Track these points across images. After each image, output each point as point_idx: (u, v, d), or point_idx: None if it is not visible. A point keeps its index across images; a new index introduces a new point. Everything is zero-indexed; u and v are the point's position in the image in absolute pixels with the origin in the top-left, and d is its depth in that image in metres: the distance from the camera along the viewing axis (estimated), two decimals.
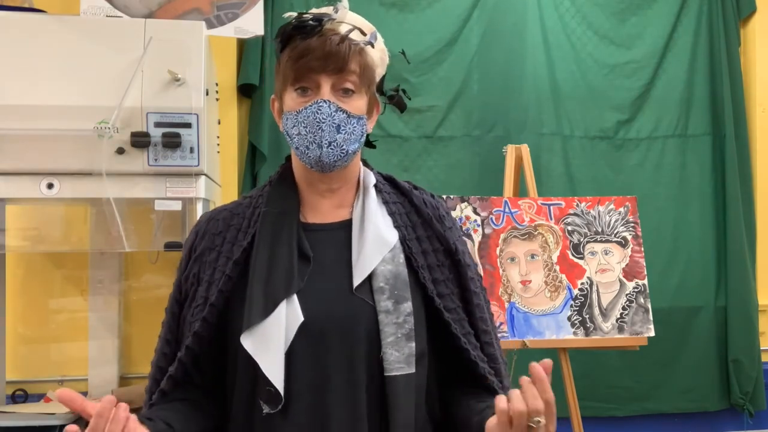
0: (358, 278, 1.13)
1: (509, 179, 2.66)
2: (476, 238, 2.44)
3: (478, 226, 2.46)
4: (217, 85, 2.54)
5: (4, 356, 2.43)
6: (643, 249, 2.53)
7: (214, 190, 2.39)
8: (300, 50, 1.12)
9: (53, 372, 2.62)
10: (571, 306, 2.44)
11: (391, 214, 1.20)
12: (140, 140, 1.97)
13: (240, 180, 2.90)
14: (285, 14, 1.18)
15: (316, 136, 1.11)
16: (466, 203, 2.47)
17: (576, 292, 2.45)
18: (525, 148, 2.68)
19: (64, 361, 2.63)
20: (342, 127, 1.12)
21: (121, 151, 1.97)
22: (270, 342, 1.07)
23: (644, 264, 2.51)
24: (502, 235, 2.47)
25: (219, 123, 2.58)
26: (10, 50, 1.99)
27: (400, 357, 1.11)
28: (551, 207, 2.53)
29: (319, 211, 1.20)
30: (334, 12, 1.16)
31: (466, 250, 1.25)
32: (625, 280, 2.49)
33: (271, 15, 2.87)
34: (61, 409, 2.21)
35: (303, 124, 1.12)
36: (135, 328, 2.67)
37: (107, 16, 2.31)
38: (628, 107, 3.24)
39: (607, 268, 2.50)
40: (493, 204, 2.50)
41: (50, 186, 2.00)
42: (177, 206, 2.04)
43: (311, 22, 1.14)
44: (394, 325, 1.11)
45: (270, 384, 1.07)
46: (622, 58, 3.23)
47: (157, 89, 2.00)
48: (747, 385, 3.14)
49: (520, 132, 3.07)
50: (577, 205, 2.54)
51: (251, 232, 1.16)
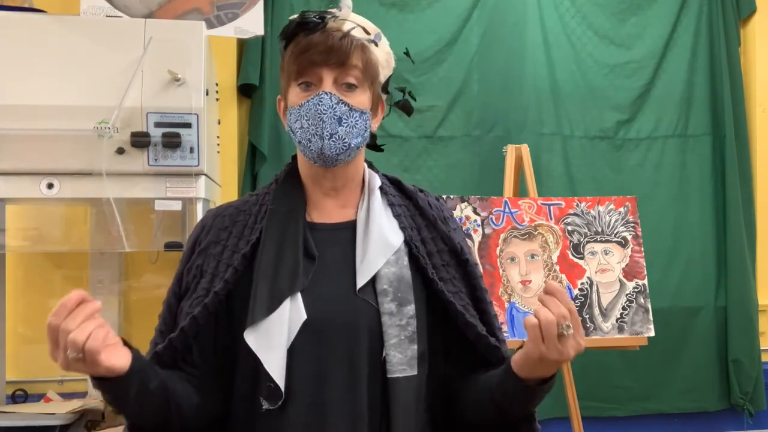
0: (361, 280, 1.13)
1: (509, 179, 2.66)
2: (476, 238, 2.44)
3: (478, 226, 2.46)
4: (217, 85, 2.54)
5: (4, 356, 2.43)
6: (643, 249, 2.53)
7: (214, 190, 2.39)
8: (302, 45, 1.13)
9: (53, 372, 2.61)
10: None
11: (396, 216, 1.20)
12: (140, 140, 1.97)
13: (240, 180, 2.90)
14: (290, 17, 1.19)
15: (317, 128, 1.11)
16: (466, 203, 2.47)
17: (576, 292, 2.45)
18: (525, 148, 2.68)
19: None
20: (344, 120, 1.12)
21: (121, 151, 1.97)
22: (273, 339, 1.08)
23: (644, 264, 2.51)
24: (502, 235, 2.47)
25: (219, 123, 2.58)
26: (10, 50, 1.99)
27: (403, 359, 1.11)
28: (551, 207, 2.52)
29: (324, 211, 1.20)
30: (338, 11, 1.17)
31: (470, 250, 1.26)
32: (625, 280, 2.49)
33: (271, 15, 2.87)
34: (61, 409, 2.21)
35: (305, 117, 1.12)
36: (135, 328, 2.66)
37: (107, 16, 2.31)
38: (628, 107, 3.24)
39: (607, 268, 2.49)
40: (493, 204, 2.50)
41: (50, 186, 2.00)
42: (177, 206, 2.04)
43: (315, 19, 1.15)
44: (398, 327, 1.11)
45: (271, 380, 1.07)
46: (622, 58, 3.24)
47: (157, 89, 2.00)
48: (747, 385, 3.14)
49: (520, 132, 3.07)
50: (577, 205, 2.54)
51: (258, 228, 1.16)
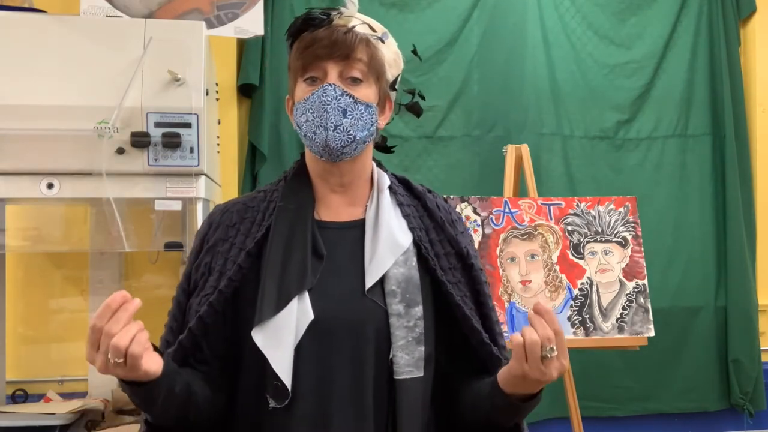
0: (370, 280, 1.13)
1: (509, 179, 2.66)
2: (476, 238, 2.44)
3: (478, 226, 2.46)
4: (217, 85, 2.54)
5: (4, 356, 2.43)
6: (643, 249, 2.52)
7: (214, 190, 2.39)
8: (307, 41, 1.14)
9: (53, 372, 2.62)
10: (571, 306, 2.44)
11: (405, 216, 1.20)
12: (140, 140, 1.97)
13: (240, 180, 2.90)
14: (296, 16, 1.20)
15: (322, 119, 1.11)
16: (466, 203, 2.47)
17: (576, 292, 2.45)
18: (525, 148, 2.68)
19: (64, 361, 2.63)
20: (348, 112, 1.12)
21: (121, 151, 1.97)
22: (280, 338, 1.08)
23: (644, 264, 2.51)
24: (502, 235, 2.47)
25: (219, 123, 2.58)
26: (10, 50, 1.99)
27: (410, 360, 1.11)
28: (551, 207, 2.52)
29: (333, 209, 1.20)
30: (344, 9, 1.18)
31: (477, 255, 1.25)
32: (625, 280, 2.48)
33: (271, 15, 2.87)
34: (61, 409, 2.21)
35: (310, 110, 1.12)
36: None
37: (107, 16, 2.31)
38: (628, 107, 3.24)
39: (607, 268, 2.49)
40: (493, 204, 2.50)
41: (50, 186, 1.99)
42: (177, 206, 2.04)
43: (320, 15, 1.16)
44: (405, 329, 1.11)
45: (278, 378, 1.07)
46: (622, 58, 3.23)
47: (157, 89, 2.00)
48: (747, 385, 3.14)
49: (520, 132, 3.07)
50: (577, 205, 2.54)
51: (265, 225, 1.16)
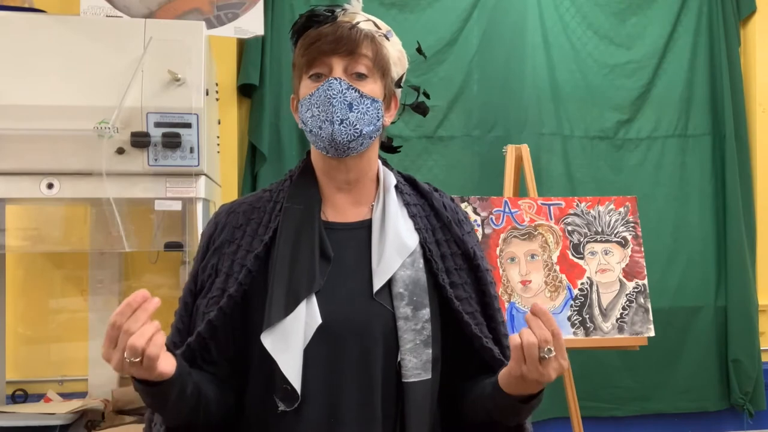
0: (378, 283, 1.12)
1: (509, 179, 2.66)
2: None
3: (478, 226, 2.46)
4: (217, 85, 2.54)
5: (4, 356, 2.43)
6: (643, 249, 2.52)
7: (214, 190, 2.39)
8: (312, 37, 1.14)
9: (53, 372, 2.62)
10: (571, 306, 2.44)
11: (411, 217, 1.20)
12: (140, 140, 1.97)
13: (240, 180, 2.90)
14: (300, 14, 1.20)
15: (328, 113, 1.11)
16: (466, 203, 2.47)
17: (576, 292, 2.45)
18: (525, 148, 2.68)
19: (64, 361, 2.63)
20: (354, 106, 1.12)
21: (121, 151, 1.97)
22: (289, 341, 1.07)
23: (644, 264, 2.51)
24: (502, 235, 2.47)
25: (219, 123, 2.58)
26: (10, 50, 1.99)
27: (418, 363, 1.11)
28: (551, 207, 2.52)
29: (339, 209, 1.19)
30: (349, 7, 1.19)
31: (483, 255, 1.24)
32: (625, 280, 2.48)
33: (271, 15, 2.87)
34: (61, 409, 2.21)
35: (315, 105, 1.12)
36: None
37: (107, 16, 2.31)
38: (628, 107, 3.24)
39: (607, 268, 2.49)
40: (493, 204, 2.50)
41: (50, 186, 1.99)
42: (177, 206, 2.04)
43: (325, 12, 1.16)
44: (413, 332, 1.11)
45: (287, 382, 1.07)
46: (622, 58, 3.23)
47: (157, 89, 2.00)
48: (747, 385, 3.14)
49: (520, 132, 3.07)
50: (577, 205, 2.54)
51: (272, 227, 1.15)
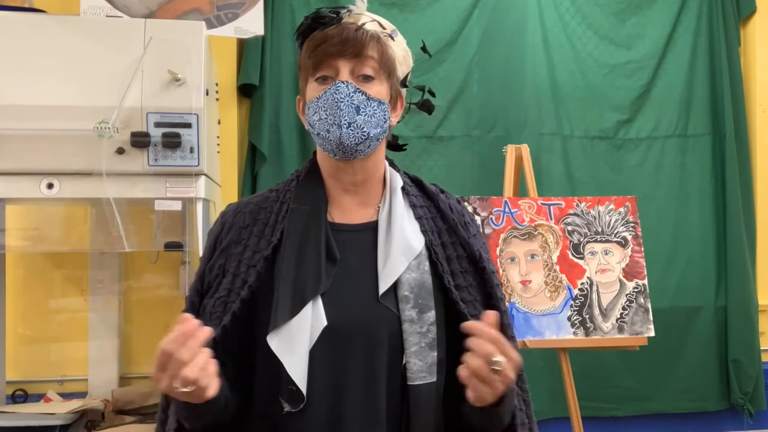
0: (383, 285, 1.12)
1: (509, 179, 2.66)
2: None
3: (478, 226, 2.46)
4: (217, 85, 2.54)
5: (4, 356, 2.43)
6: (643, 249, 2.53)
7: (214, 190, 2.39)
8: (318, 39, 1.14)
9: (53, 372, 2.62)
10: (571, 306, 2.44)
11: (417, 219, 1.20)
12: (140, 140, 1.97)
13: (240, 180, 2.90)
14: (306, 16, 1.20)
15: (335, 117, 1.11)
16: (466, 203, 2.47)
17: (576, 292, 2.45)
18: (525, 148, 2.68)
19: (64, 361, 2.63)
20: (362, 109, 1.12)
21: (121, 151, 1.97)
22: (295, 343, 1.07)
23: (644, 264, 2.51)
24: (502, 235, 2.47)
25: (219, 123, 2.58)
26: (10, 50, 1.99)
27: (423, 366, 1.11)
28: (551, 207, 2.52)
29: (346, 211, 1.20)
30: (354, 8, 1.18)
31: (489, 258, 1.24)
32: (625, 280, 2.48)
33: (271, 15, 2.87)
34: (61, 409, 2.21)
35: (323, 108, 1.12)
36: (135, 328, 2.66)
37: (107, 16, 2.31)
38: (628, 107, 3.24)
39: (607, 268, 2.49)
40: (493, 204, 2.50)
41: (50, 186, 1.99)
42: (177, 206, 2.04)
43: (330, 14, 1.16)
44: (418, 335, 1.11)
45: (292, 383, 1.07)
46: (622, 58, 3.23)
47: (157, 89, 2.00)
48: (747, 385, 3.14)
49: (520, 132, 3.07)
50: (577, 205, 2.54)
51: (279, 229, 1.15)
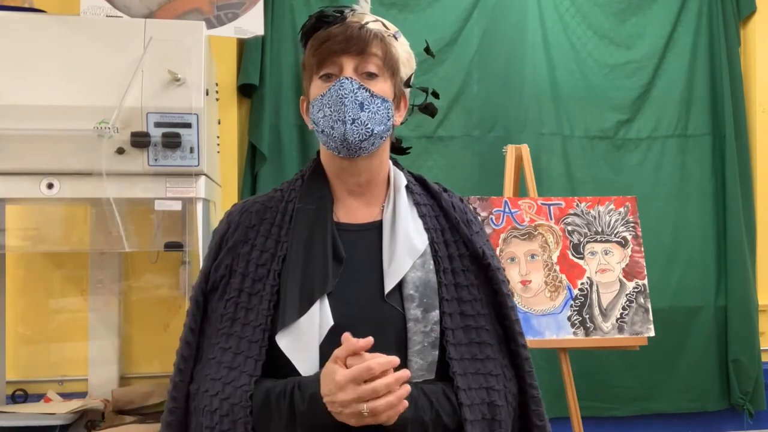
0: (389, 284, 1.13)
1: (509, 179, 2.66)
2: None
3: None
4: (217, 85, 2.54)
5: (4, 356, 2.43)
6: (643, 249, 2.53)
7: (214, 190, 2.39)
8: (322, 37, 1.15)
9: (53, 372, 2.62)
10: (571, 306, 2.44)
11: (421, 216, 1.20)
12: (140, 140, 1.97)
13: (240, 180, 2.90)
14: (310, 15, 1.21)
15: (339, 113, 1.11)
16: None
17: (576, 292, 2.45)
18: (525, 148, 2.68)
19: (64, 361, 2.63)
20: (366, 106, 1.13)
21: (121, 151, 1.97)
22: (304, 341, 1.08)
23: (644, 264, 2.51)
24: (502, 235, 2.47)
25: (219, 123, 2.58)
26: (10, 50, 1.99)
27: (424, 365, 1.12)
28: (551, 207, 2.52)
29: (350, 210, 1.20)
30: (357, 7, 1.20)
31: (493, 254, 1.24)
32: (625, 280, 2.48)
33: (271, 15, 2.87)
34: (61, 409, 2.21)
35: (327, 105, 1.13)
36: (135, 328, 2.66)
37: (107, 16, 2.31)
38: (628, 107, 3.24)
39: (607, 268, 2.49)
40: (493, 204, 2.50)
41: (50, 186, 1.99)
42: (177, 206, 2.04)
43: (334, 13, 1.16)
44: (422, 334, 1.11)
45: None
46: (622, 58, 3.23)
47: (157, 89, 2.00)
48: (747, 385, 3.14)
49: (520, 132, 3.07)
50: (577, 205, 2.54)
51: (286, 228, 1.16)
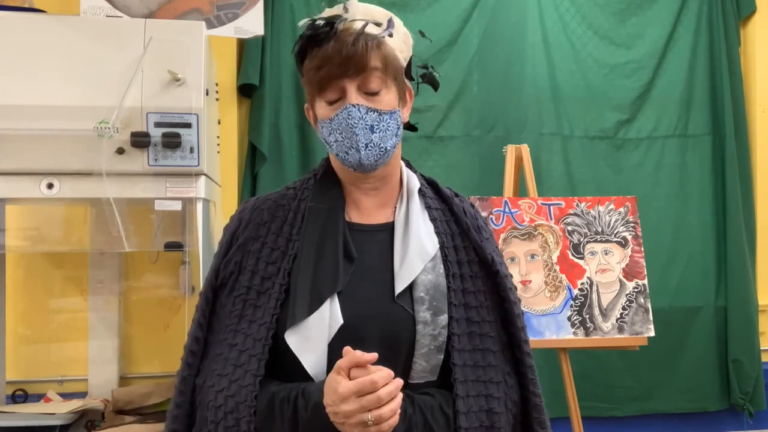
0: (400, 286, 1.13)
1: (509, 179, 2.66)
2: None
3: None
4: (217, 85, 2.54)
5: (4, 356, 2.43)
6: (643, 249, 2.53)
7: (214, 190, 2.39)
8: (318, 60, 1.12)
9: (53, 372, 2.62)
10: (571, 306, 2.44)
11: (432, 220, 1.21)
12: (140, 140, 1.97)
13: (240, 180, 2.90)
14: (300, 23, 1.18)
15: (352, 141, 1.12)
16: None
17: (576, 292, 2.45)
18: (525, 148, 2.68)
19: (64, 361, 2.63)
20: (375, 127, 1.13)
21: (121, 151, 1.97)
22: (313, 340, 1.08)
23: (644, 264, 2.51)
24: (502, 235, 2.47)
25: (219, 123, 2.58)
26: (10, 50, 1.99)
27: (427, 367, 1.12)
28: (551, 207, 2.52)
29: (363, 210, 1.21)
30: (345, 11, 1.16)
31: (502, 261, 1.24)
32: (625, 280, 2.48)
33: (271, 15, 2.87)
34: (61, 409, 2.21)
35: (338, 131, 1.13)
36: (135, 328, 2.66)
37: (107, 16, 2.31)
38: (628, 107, 3.24)
39: (607, 268, 2.49)
40: (493, 204, 2.50)
41: (50, 186, 1.99)
42: (177, 206, 2.04)
43: (324, 28, 1.13)
44: (430, 337, 1.12)
45: (310, 379, 1.08)
46: (622, 58, 3.23)
47: (157, 89, 2.00)
48: (747, 385, 3.14)
49: (520, 132, 3.07)
50: (577, 205, 2.54)
51: (298, 227, 1.16)
